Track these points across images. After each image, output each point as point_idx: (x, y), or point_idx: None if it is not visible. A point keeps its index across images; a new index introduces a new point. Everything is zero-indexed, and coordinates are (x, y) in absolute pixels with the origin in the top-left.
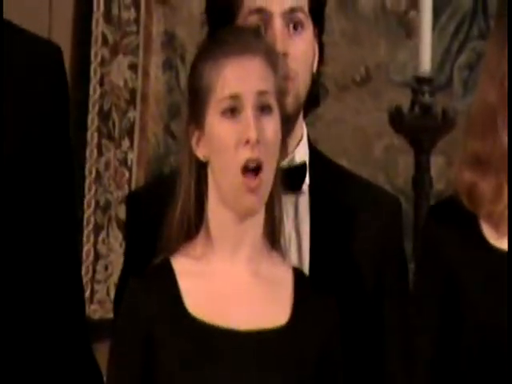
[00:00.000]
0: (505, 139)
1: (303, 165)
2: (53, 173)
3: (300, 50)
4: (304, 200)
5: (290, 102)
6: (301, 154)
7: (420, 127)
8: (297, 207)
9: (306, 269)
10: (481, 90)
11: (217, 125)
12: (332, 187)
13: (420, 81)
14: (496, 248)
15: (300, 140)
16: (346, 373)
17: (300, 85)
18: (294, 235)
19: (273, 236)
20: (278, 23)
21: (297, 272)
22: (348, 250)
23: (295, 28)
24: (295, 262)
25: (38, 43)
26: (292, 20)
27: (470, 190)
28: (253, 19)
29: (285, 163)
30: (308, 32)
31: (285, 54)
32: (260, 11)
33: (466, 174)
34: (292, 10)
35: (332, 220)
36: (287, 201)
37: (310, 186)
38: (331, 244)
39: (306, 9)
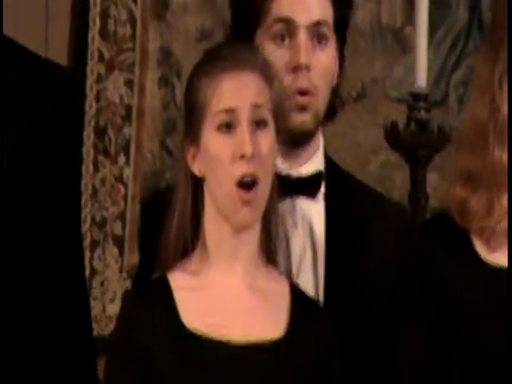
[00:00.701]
0: (496, 154)
1: (319, 174)
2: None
3: (323, 64)
4: (319, 208)
5: (309, 118)
6: (316, 163)
7: (416, 143)
8: (311, 215)
9: (320, 275)
10: (472, 106)
11: (212, 140)
12: (347, 197)
13: (416, 97)
14: (488, 263)
15: (316, 150)
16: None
17: (320, 101)
18: (308, 243)
19: (269, 250)
20: (302, 35)
21: (293, 286)
22: (364, 259)
23: (319, 41)
24: (309, 268)
25: (55, 70)
26: (317, 33)
27: (462, 205)
28: (278, 28)
29: (300, 171)
30: (331, 46)
31: (307, 67)
32: (286, 21)
33: (458, 189)
34: (318, 24)
35: (347, 229)
36: (302, 208)
37: (326, 194)
38: (347, 254)
39: (331, 23)
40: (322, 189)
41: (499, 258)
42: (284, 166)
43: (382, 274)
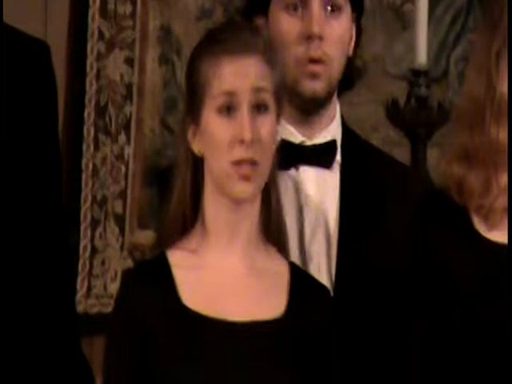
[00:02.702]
0: (492, 132)
1: (333, 143)
2: (40, 171)
3: (336, 34)
4: (334, 177)
5: (321, 86)
6: (332, 132)
7: (416, 120)
8: (325, 184)
9: (333, 246)
10: (468, 83)
11: (212, 121)
12: (363, 166)
13: (416, 73)
14: (487, 239)
15: (332, 119)
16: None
17: (333, 70)
18: (322, 213)
19: (269, 228)
20: (315, 4)
21: (292, 265)
22: (378, 230)
23: (333, 10)
24: (322, 238)
25: (24, 41)
26: (330, 2)
27: (459, 183)
28: None
29: (315, 140)
30: (345, 15)
31: (320, 37)
32: None
33: (455, 167)
34: None
35: (362, 199)
36: (317, 177)
37: (342, 163)
38: (361, 223)
39: None
40: (338, 158)
41: (497, 235)
42: (298, 134)
43: (401, 244)
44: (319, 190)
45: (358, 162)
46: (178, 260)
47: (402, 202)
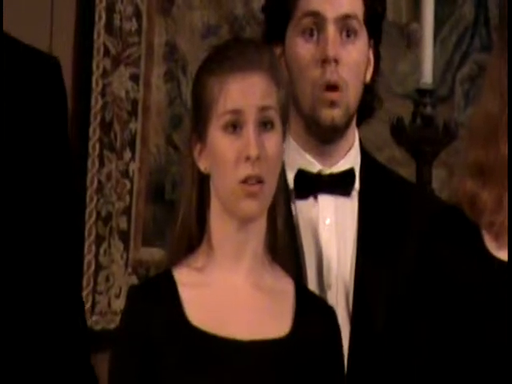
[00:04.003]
0: (502, 149)
1: (351, 171)
2: (53, 185)
3: (351, 58)
4: (352, 205)
5: (338, 113)
6: (350, 160)
7: (421, 139)
8: (344, 212)
9: (352, 274)
10: (483, 101)
11: (218, 139)
12: (383, 194)
13: (421, 92)
14: (496, 258)
15: (350, 147)
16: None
17: (350, 96)
18: (338, 240)
19: (274, 248)
20: (331, 28)
21: (298, 284)
22: (397, 259)
23: (348, 35)
24: (334, 268)
25: (35, 56)
26: (345, 27)
27: (472, 199)
28: (306, 22)
29: (333, 169)
30: (361, 41)
31: (335, 61)
32: (314, 15)
33: (468, 183)
34: (346, 17)
35: (381, 228)
36: (335, 205)
37: (360, 191)
38: (378, 253)
39: (361, 17)
40: (357, 185)
41: (506, 255)
42: (316, 163)
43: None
44: (338, 218)
45: (377, 190)
46: (184, 278)
47: (418, 228)
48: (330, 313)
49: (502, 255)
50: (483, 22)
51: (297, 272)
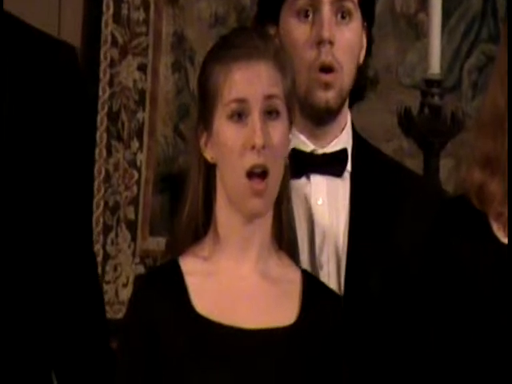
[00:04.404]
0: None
1: (344, 151)
2: (71, 177)
3: (346, 40)
4: (345, 186)
5: (332, 95)
6: (343, 141)
7: (429, 129)
8: (336, 193)
9: (343, 254)
10: (491, 93)
11: (223, 128)
12: (374, 175)
13: (429, 83)
14: (505, 245)
15: (343, 128)
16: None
17: (344, 79)
18: (333, 221)
19: (281, 237)
20: (326, 9)
21: (305, 272)
22: (389, 240)
23: (343, 17)
24: (332, 247)
25: (49, 43)
26: (341, 8)
27: (480, 189)
28: (302, 3)
29: (326, 149)
30: (356, 23)
31: (330, 42)
32: None
33: (476, 174)
34: None
35: (372, 208)
36: (327, 185)
37: (352, 172)
38: (371, 233)
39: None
40: (349, 167)
41: (507, 241)
42: (309, 143)
43: (411, 254)
44: (330, 198)
45: (369, 171)
46: (191, 267)
47: (413, 212)
48: (337, 301)
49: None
50: (491, 13)
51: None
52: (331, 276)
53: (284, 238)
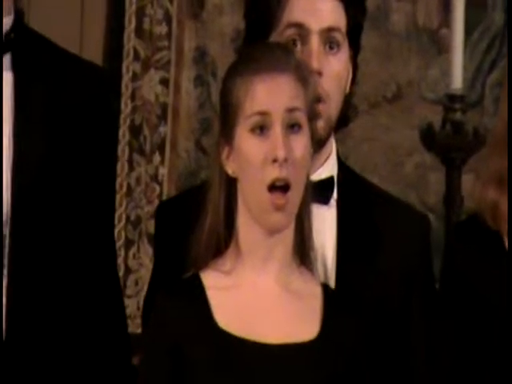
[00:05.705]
0: None
1: (330, 179)
2: (93, 191)
3: (334, 71)
4: (331, 214)
5: (321, 125)
6: (329, 169)
7: (451, 145)
8: (323, 220)
9: (331, 283)
10: (502, 109)
11: (245, 141)
12: (360, 203)
13: (452, 98)
14: None
15: (328, 156)
16: None
17: (332, 108)
18: (318, 247)
19: (302, 251)
20: (314, 40)
21: (326, 287)
22: (375, 268)
23: (331, 48)
24: (320, 274)
25: (91, 70)
26: (329, 39)
27: (494, 208)
28: (290, 33)
29: (313, 177)
30: (344, 53)
31: (319, 73)
32: (298, 26)
33: (490, 192)
34: (330, 29)
35: (359, 236)
36: (314, 213)
37: (338, 200)
38: (358, 260)
39: (344, 29)
40: (335, 194)
41: (507, 242)
42: None
43: (394, 279)
44: (317, 226)
45: (355, 199)
46: (212, 281)
47: (398, 239)
48: (358, 315)
49: None
50: None
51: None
52: None
53: (305, 252)
